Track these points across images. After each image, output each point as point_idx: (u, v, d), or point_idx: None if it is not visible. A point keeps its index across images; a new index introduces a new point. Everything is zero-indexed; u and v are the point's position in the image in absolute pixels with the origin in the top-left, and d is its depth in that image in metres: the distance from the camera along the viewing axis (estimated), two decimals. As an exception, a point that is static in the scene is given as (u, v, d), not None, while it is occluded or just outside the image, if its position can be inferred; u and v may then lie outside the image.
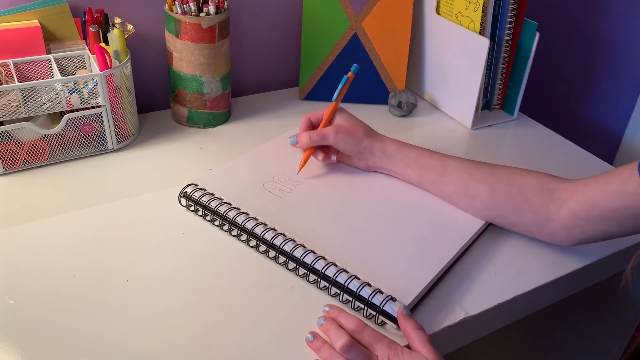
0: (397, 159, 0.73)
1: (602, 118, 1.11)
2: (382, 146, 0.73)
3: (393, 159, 0.73)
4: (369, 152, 0.73)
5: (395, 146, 0.73)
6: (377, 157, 0.73)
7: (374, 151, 0.73)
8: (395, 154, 0.72)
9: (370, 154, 0.73)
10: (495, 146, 0.90)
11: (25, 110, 0.72)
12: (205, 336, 0.53)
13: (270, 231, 0.63)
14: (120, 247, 0.63)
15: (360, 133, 0.73)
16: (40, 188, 0.72)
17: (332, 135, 0.72)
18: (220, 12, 0.81)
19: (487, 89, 0.97)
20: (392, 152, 0.73)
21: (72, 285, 0.58)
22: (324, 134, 0.73)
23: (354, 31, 0.96)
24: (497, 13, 0.89)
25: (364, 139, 0.73)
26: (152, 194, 0.72)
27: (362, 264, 0.60)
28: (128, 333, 0.53)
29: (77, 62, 0.80)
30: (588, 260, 0.67)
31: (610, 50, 1.07)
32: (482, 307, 0.59)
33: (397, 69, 0.99)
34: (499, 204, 0.66)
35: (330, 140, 0.72)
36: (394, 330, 0.55)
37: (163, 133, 0.86)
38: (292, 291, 0.59)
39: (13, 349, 0.51)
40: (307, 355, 0.52)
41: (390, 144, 0.73)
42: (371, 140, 0.73)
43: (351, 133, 0.72)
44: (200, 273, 0.61)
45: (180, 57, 0.82)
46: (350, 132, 0.73)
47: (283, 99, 0.99)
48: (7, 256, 0.61)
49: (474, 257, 0.66)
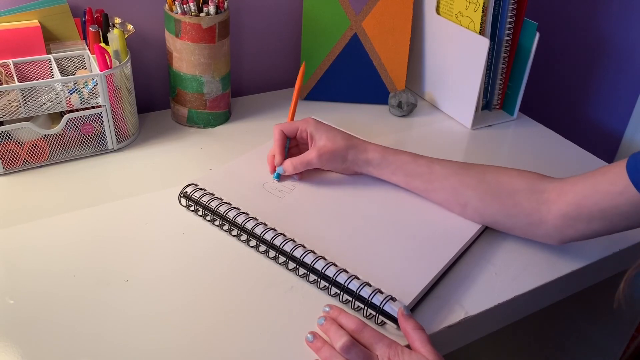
0: (382, 167, 0.71)
1: (602, 118, 1.11)
2: (365, 157, 0.71)
3: (379, 168, 0.72)
4: (353, 164, 0.72)
5: (379, 155, 0.71)
6: (363, 168, 0.73)
7: (359, 162, 0.72)
8: (380, 163, 0.71)
9: (356, 165, 0.73)
10: (495, 146, 0.90)
11: (25, 110, 0.72)
12: (206, 336, 0.53)
13: (270, 231, 0.63)
14: (120, 247, 0.63)
15: (342, 148, 0.71)
16: (40, 188, 0.72)
17: (316, 160, 0.71)
18: (220, 12, 0.81)
19: (487, 89, 0.97)
20: (377, 162, 0.71)
21: (72, 285, 0.58)
22: (308, 161, 0.71)
23: (354, 31, 0.96)
24: (497, 13, 0.89)
25: (348, 152, 0.71)
26: (152, 194, 0.72)
27: (362, 264, 0.60)
28: (128, 333, 0.53)
29: (77, 62, 0.80)
30: (588, 260, 0.67)
31: (610, 50, 1.07)
32: (482, 307, 0.59)
33: (397, 69, 0.99)
34: (490, 210, 0.65)
35: (315, 165, 0.72)
36: (394, 330, 0.55)
37: (163, 133, 0.86)
38: (292, 291, 0.59)
39: (13, 349, 0.51)
40: (307, 355, 0.52)
41: (374, 153, 0.71)
42: (354, 152, 0.72)
43: (334, 151, 0.71)
44: (200, 273, 0.61)
45: (180, 57, 0.82)
46: (333, 151, 0.71)
47: (283, 99, 0.99)
48: (7, 256, 0.61)
49: (474, 257, 0.66)
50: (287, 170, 0.73)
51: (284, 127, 0.74)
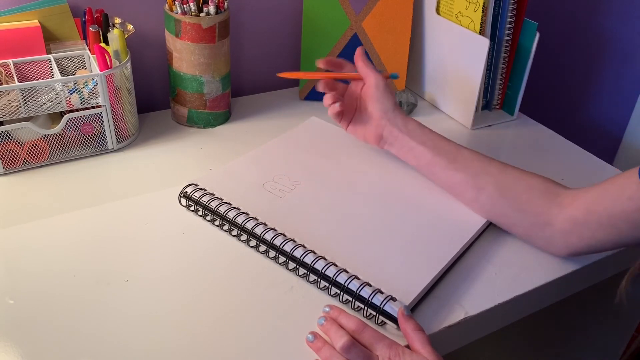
0: (415, 134, 0.72)
1: (602, 118, 1.11)
2: (404, 118, 0.73)
3: (412, 134, 0.72)
4: (390, 119, 0.73)
5: (416, 123, 0.73)
6: (395, 127, 0.73)
7: (396, 120, 0.73)
8: (415, 129, 0.73)
9: (391, 123, 0.73)
10: (495, 146, 0.90)
11: (25, 110, 0.72)
12: (206, 336, 0.53)
13: (270, 231, 0.63)
14: (120, 247, 0.63)
15: (392, 96, 0.74)
16: (40, 188, 0.72)
17: (374, 80, 0.73)
18: (220, 12, 0.81)
19: (487, 89, 0.97)
20: (413, 127, 0.73)
21: (72, 285, 0.58)
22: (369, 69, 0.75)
23: (354, 31, 0.96)
24: (497, 13, 0.89)
25: (392, 103, 0.74)
26: (152, 194, 0.72)
27: (362, 264, 0.60)
28: (128, 333, 0.53)
29: (77, 62, 0.80)
30: (588, 260, 0.67)
31: (610, 50, 1.07)
32: (482, 307, 0.59)
33: (397, 69, 0.98)
34: (504, 199, 0.66)
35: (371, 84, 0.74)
36: (394, 330, 0.55)
37: (163, 133, 0.86)
38: (292, 291, 0.59)
39: (13, 349, 0.51)
40: (307, 355, 0.52)
41: (412, 120, 0.74)
42: (396, 110, 0.74)
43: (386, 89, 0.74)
44: (200, 273, 0.61)
45: (180, 57, 0.82)
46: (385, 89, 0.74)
47: (283, 99, 0.99)
48: (7, 256, 0.61)
49: (474, 257, 0.66)
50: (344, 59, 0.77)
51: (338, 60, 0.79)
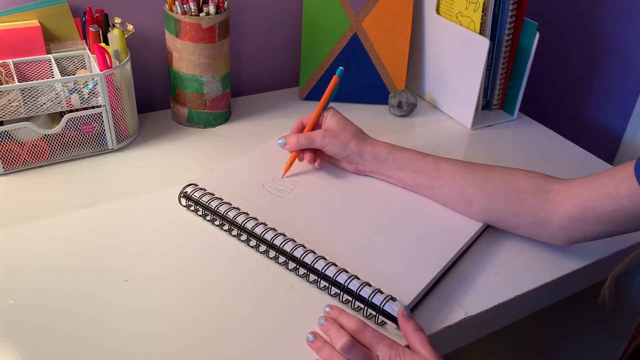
0: (389, 162, 0.71)
1: (602, 118, 1.11)
2: (372, 149, 0.72)
3: (385, 163, 0.71)
4: (358, 155, 0.72)
5: (386, 149, 0.72)
6: (367, 161, 0.72)
7: (364, 155, 0.72)
8: (387, 158, 0.71)
9: (360, 158, 0.72)
10: (495, 146, 0.90)
11: (25, 110, 0.72)
12: (206, 336, 0.53)
13: (270, 231, 0.63)
14: (120, 247, 0.63)
15: (348, 136, 0.72)
16: (40, 188, 0.72)
17: (319, 139, 0.72)
18: (220, 12, 0.81)
19: (487, 89, 0.97)
20: (384, 156, 0.71)
21: (72, 285, 0.58)
22: (311, 138, 0.72)
23: (354, 31, 0.96)
24: (497, 13, 0.89)
25: (352, 142, 0.72)
26: (152, 194, 0.72)
27: (362, 264, 0.60)
28: (128, 333, 0.53)
29: (77, 62, 0.80)
30: (588, 260, 0.67)
31: (610, 50, 1.07)
32: (482, 307, 0.59)
33: (397, 69, 0.99)
34: (496, 207, 0.65)
35: (318, 144, 0.72)
36: (394, 330, 0.55)
37: (163, 133, 0.86)
38: (292, 291, 0.59)
39: (13, 349, 0.51)
40: (307, 355, 0.52)
41: (382, 147, 0.72)
42: (360, 144, 0.72)
43: (338, 136, 0.72)
44: (200, 273, 0.61)
45: (180, 57, 0.82)
46: (338, 135, 0.72)
47: (283, 99, 0.99)
48: (7, 256, 0.61)
49: (474, 257, 0.66)
50: (290, 143, 0.73)
51: (304, 117, 0.76)
